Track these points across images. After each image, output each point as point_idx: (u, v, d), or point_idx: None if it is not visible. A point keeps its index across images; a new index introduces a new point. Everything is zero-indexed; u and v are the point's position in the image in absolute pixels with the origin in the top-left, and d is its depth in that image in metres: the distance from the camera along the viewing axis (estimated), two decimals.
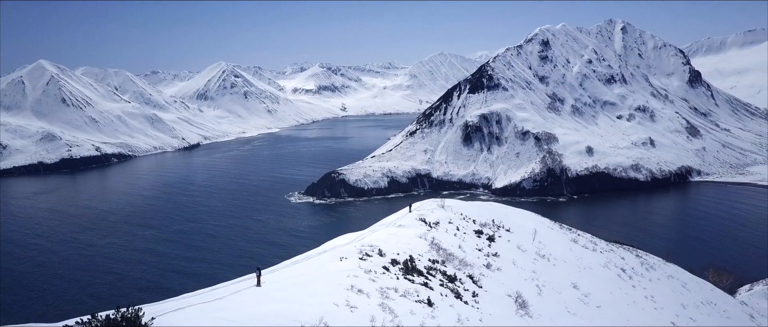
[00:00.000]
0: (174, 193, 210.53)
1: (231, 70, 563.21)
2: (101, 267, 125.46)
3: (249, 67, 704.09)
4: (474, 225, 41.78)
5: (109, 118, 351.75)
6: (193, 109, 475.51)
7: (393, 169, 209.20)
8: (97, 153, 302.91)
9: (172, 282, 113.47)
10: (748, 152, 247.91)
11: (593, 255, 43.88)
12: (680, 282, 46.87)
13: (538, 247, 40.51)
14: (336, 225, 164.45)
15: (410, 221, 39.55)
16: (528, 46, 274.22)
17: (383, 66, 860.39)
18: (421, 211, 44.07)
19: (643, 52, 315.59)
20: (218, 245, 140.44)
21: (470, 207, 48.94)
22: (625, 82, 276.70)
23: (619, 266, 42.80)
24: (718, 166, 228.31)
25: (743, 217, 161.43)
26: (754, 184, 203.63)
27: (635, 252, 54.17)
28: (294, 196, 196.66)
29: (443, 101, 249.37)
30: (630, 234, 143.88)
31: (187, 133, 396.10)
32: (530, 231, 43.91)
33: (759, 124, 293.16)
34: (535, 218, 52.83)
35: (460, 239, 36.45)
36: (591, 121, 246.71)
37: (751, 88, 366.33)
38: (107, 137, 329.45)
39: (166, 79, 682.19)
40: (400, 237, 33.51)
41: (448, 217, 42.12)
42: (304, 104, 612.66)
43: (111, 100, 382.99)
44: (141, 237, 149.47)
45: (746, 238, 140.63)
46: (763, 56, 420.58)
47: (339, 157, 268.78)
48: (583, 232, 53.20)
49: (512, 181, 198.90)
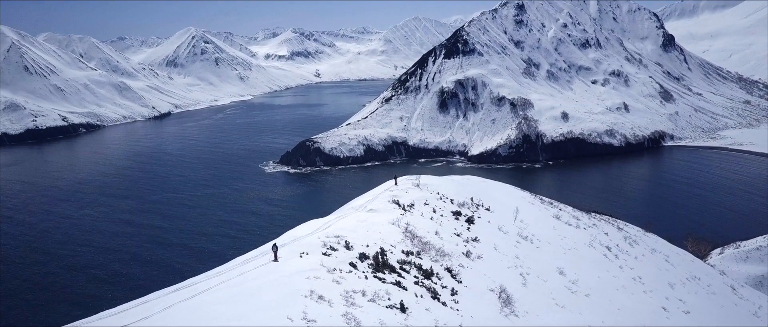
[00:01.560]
0: (146, 163, 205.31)
1: (201, 36, 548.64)
2: (78, 239, 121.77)
3: (220, 32, 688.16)
4: (452, 205, 38.83)
5: (76, 86, 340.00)
6: (162, 76, 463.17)
7: (369, 137, 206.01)
8: (63, 123, 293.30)
9: (152, 254, 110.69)
10: (720, 116, 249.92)
11: (577, 232, 41.74)
12: (663, 256, 45.45)
13: (520, 227, 37.87)
14: (311, 195, 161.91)
15: (382, 204, 36.31)
16: (503, 10, 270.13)
17: (357, 31, 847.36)
18: (394, 191, 40.63)
19: (617, 15, 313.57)
20: (195, 214, 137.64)
21: (447, 183, 45.83)
22: (599, 47, 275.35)
23: (604, 244, 40.88)
24: (690, 131, 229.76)
25: (714, 181, 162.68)
26: (725, 148, 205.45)
27: (616, 223, 52.63)
28: (269, 166, 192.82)
29: (418, 67, 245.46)
30: (606, 201, 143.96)
31: (158, 101, 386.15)
32: (511, 209, 41.19)
33: (730, 88, 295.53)
34: (515, 192, 50.23)
35: (436, 224, 33.39)
36: (566, 87, 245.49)
37: (723, 52, 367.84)
38: (74, 106, 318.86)
39: (134, 45, 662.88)
40: (370, 224, 30.26)
41: (424, 197, 38.99)
42: (277, 71, 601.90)
43: (76, 68, 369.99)
44: (117, 208, 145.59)
45: (717, 202, 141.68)
46: (734, 20, 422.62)
47: (314, 124, 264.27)
48: (564, 206, 50.99)
49: (488, 148, 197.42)
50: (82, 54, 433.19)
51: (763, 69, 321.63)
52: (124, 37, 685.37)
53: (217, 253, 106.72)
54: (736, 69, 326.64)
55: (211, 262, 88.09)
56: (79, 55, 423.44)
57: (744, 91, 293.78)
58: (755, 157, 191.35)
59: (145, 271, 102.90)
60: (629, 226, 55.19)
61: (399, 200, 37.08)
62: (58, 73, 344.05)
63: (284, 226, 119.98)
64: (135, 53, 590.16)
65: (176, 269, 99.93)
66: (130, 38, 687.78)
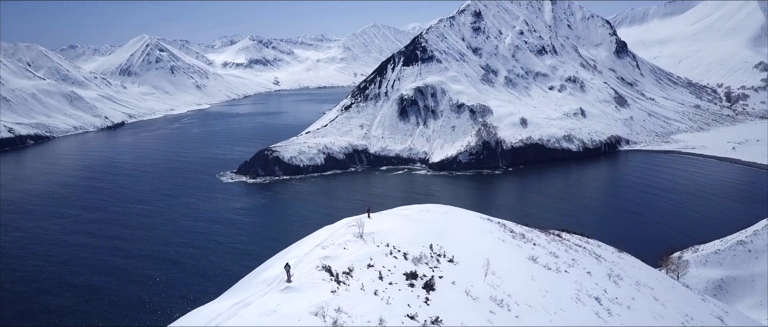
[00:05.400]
0: (98, 175, 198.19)
1: (155, 44, 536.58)
2: (34, 252, 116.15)
3: (175, 40, 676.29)
4: (405, 262, 30.92)
5: (22, 96, 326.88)
6: (115, 85, 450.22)
7: (329, 145, 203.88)
8: (9, 134, 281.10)
9: (108, 265, 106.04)
10: (672, 120, 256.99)
11: (558, 280, 35.95)
12: (649, 290, 42.96)
13: (492, 284, 30.89)
14: (269, 206, 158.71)
15: (307, 273, 27.58)
16: (460, 17, 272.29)
17: (316, 38, 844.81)
18: (327, 249, 31.76)
19: (571, 22, 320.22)
20: (151, 228, 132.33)
21: (401, 225, 38.19)
22: (555, 53, 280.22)
23: (592, 294, 35.44)
24: (644, 135, 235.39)
25: (670, 184, 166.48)
26: (679, 152, 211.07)
27: (590, 248, 50.06)
28: (226, 176, 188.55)
29: (378, 74, 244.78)
30: (568, 210, 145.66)
31: (110, 111, 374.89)
32: (479, 254, 34.39)
33: (681, 93, 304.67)
34: (482, 226, 43.89)
35: (382, 302, 25.33)
36: (524, 93, 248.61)
37: (672, 57, 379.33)
38: (21, 117, 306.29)
39: (86, 53, 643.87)
40: (281, 320, 22.50)
41: (368, 254, 30.85)
42: (236, 79, 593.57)
43: (23, 77, 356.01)
44: (70, 220, 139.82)
45: (674, 206, 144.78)
46: (682, 27, 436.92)
47: (273, 133, 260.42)
48: (537, 233, 47.62)
49: (449, 155, 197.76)
50: (30, 63, 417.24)
51: (710, 74, 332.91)
52: (76, 46, 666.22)
53: (175, 260, 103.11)
54: (685, 74, 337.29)
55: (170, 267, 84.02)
56: (27, 63, 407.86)
57: (694, 95, 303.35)
58: (707, 160, 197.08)
59: (104, 282, 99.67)
60: (603, 247, 53.72)
61: (331, 266, 28.48)
62: (3, 82, 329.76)
63: (238, 246, 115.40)
64: (86, 62, 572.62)
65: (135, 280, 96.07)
66: (81, 46, 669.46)
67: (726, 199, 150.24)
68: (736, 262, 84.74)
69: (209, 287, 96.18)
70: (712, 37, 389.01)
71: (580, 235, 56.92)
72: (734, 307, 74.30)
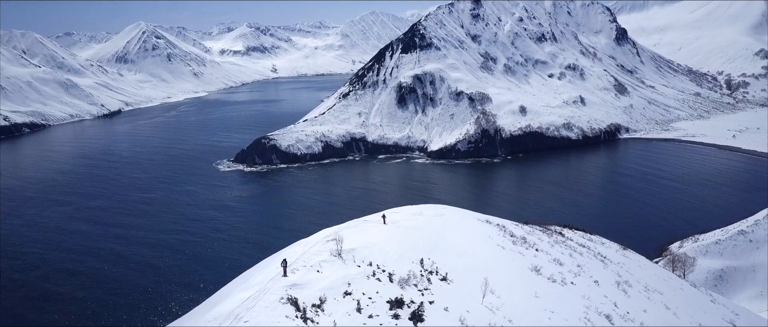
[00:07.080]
0: (95, 164, 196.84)
1: (152, 31, 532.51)
2: (34, 238, 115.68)
3: (172, 27, 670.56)
4: (390, 285, 27.10)
5: (18, 84, 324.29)
6: (112, 73, 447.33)
7: (327, 133, 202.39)
8: (5, 123, 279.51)
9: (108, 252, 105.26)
10: (672, 108, 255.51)
11: (564, 294, 32.95)
12: (658, 295, 41.04)
13: (491, 307, 27.44)
14: (267, 195, 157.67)
15: (266, 312, 23.15)
16: (459, 4, 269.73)
17: (314, 25, 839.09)
18: (296, 273, 27.48)
19: (571, 9, 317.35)
20: (150, 215, 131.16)
21: (388, 238, 34.31)
22: (555, 41, 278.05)
23: (603, 313, 32.16)
24: (644, 123, 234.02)
25: (670, 173, 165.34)
26: (679, 140, 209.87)
27: (596, 249, 47.78)
28: (223, 164, 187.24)
29: (376, 62, 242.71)
30: (567, 197, 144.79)
31: (107, 99, 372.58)
32: (477, 269, 31.47)
33: (681, 80, 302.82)
34: (479, 229, 40.84)
35: None
36: (523, 80, 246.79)
37: (672, 45, 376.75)
38: (16, 105, 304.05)
39: (82, 41, 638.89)
40: None
41: (346, 277, 26.86)
42: (233, 66, 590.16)
43: (18, 65, 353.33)
44: (69, 207, 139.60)
45: (674, 194, 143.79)
46: (682, 14, 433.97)
47: (270, 121, 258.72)
48: (539, 235, 45.00)
49: (447, 144, 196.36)
50: (25, 50, 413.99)
51: (710, 62, 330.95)
52: (72, 33, 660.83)
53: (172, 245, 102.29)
54: (685, 62, 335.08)
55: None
56: (22, 51, 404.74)
57: (694, 83, 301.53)
58: (707, 148, 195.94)
59: (104, 269, 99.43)
60: (607, 245, 52.03)
61: (298, 298, 24.01)
62: None
63: (230, 236, 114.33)
64: (83, 49, 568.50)
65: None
66: (77, 34, 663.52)
67: (726, 187, 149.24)
68: (737, 253, 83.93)
69: (208, 275, 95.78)
70: (712, 24, 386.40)
71: (583, 232, 55.33)
72: (735, 297, 73.58)
